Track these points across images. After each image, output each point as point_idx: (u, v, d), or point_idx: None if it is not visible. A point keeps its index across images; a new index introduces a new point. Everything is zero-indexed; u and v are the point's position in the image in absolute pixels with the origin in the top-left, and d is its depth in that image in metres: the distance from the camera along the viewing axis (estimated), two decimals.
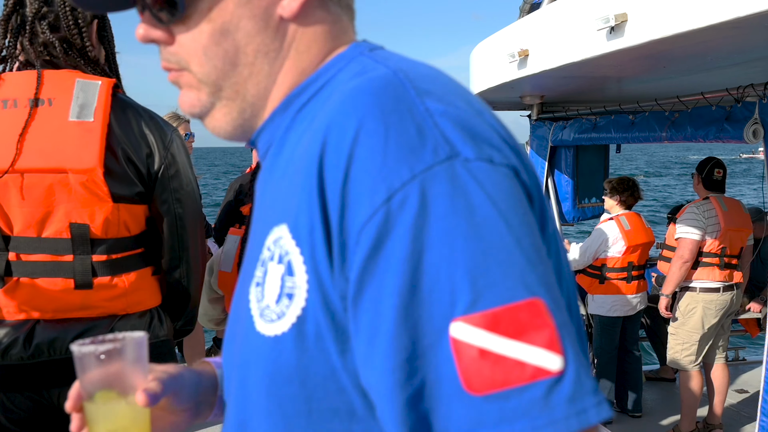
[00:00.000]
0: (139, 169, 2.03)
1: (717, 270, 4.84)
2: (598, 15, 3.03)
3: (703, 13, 2.55)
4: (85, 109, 1.95)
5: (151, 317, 2.11)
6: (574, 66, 3.54)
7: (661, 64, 3.68)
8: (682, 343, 4.97)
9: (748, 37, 2.90)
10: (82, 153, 1.92)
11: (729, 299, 4.88)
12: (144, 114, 2.08)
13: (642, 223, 5.46)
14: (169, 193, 2.09)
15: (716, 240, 4.80)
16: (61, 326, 1.98)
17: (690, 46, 3.05)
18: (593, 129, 5.35)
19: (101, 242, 1.99)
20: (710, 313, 4.87)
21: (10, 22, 2.03)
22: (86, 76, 2.02)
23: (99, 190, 1.94)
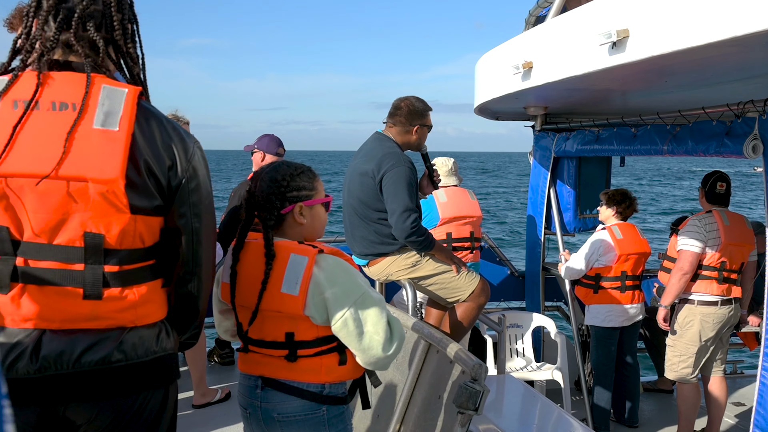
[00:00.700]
0: (160, 181, 1.98)
1: (715, 284, 4.87)
2: (600, 30, 3.09)
3: (703, 30, 2.60)
4: (110, 117, 1.91)
5: (159, 330, 2.06)
6: (577, 79, 3.59)
7: (662, 79, 3.73)
8: (680, 355, 5.00)
9: (747, 54, 2.95)
10: (105, 163, 1.87)
11: (727, 313, 4.91)
12: (167, 125, 2.03)
13: (636, 234, 5.52)
14: (188, 207, 2.05)
15: (716, 253, 4.83)
16: (68, 338, 1.91)
17: (690, 62, 3.10)
18: (596, 141, 5.41)
19: (115, 253, 1.94)
20: (708, 326, 4.89)
21: (56, 15, 1.95)
22: (112, 82, 1.97)
23: (118, 202, 1.90)
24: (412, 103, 4.44)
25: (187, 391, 5.53)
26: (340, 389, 2.47)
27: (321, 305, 2.34)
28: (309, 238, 2.53)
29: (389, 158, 4.24)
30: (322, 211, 2.58)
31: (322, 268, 2.35)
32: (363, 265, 4.55)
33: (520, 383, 4.60)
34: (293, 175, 2.48)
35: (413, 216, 4.15)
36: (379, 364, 2.41)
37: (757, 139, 3.72)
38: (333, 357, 2.42)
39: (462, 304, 4.43)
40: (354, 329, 2.34)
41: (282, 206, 2.45)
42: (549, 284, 6.57)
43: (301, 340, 2.39)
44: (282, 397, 2.42)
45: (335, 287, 2.34)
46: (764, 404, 3.75)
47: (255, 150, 5.69)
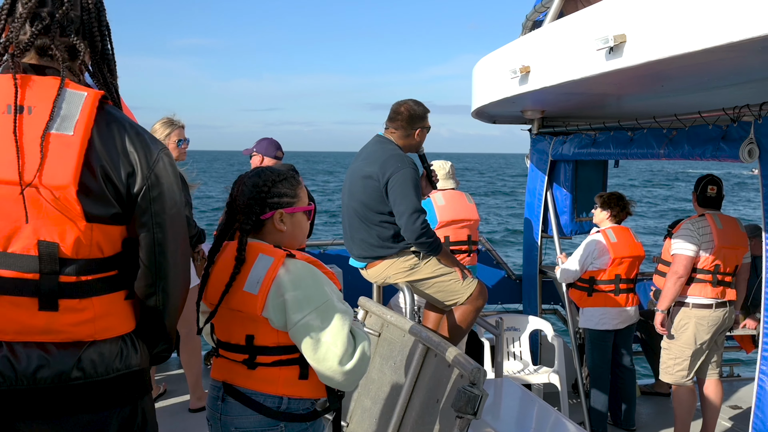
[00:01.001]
0: (118, 188, 1.89)
1: (709, 287, 4.88)
2: (597, 35, 3.10)
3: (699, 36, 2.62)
4: (66, 122, 1.83)
5: (123, 345, 1.96)
6: (574, 83, 3.60)
7: (658, 84, 3.75)
8: (674, 358, 5.01)
9: (743, 59, 2.97)
10: (57, 168, 1.79)
11: (721, 316, 4.91)
12: (130, 130, 1.93)
13: (630, 237, 5.53)
14: (149, 216, 1.95)
15: (710, 256, 4.84)
16: (24, 351, 1.82)
17: (687, 67, 3.11)
18: (593, 144, 5.42)
19: (71, 262, 1.85)
20: (702, 329, 4.90)
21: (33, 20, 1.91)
22: (75, 86, 1.90)
23: (71, 209, 1.82)
24: (411, 107, 4.47)
25: (184, 395, 5.54)
26: (302, 405, 2.38)
27: (280, 307, 2.27)
28: (289, 245, 2.48)
29: (393, 160, 4.27)
30: (304, 220, 2.54)
31: (288, 270, 2.30)
32: (361, 267, 4.55)
33: (518, 387, 4.61)
34: (275, 181, 2.45)
35: (422, 217, 4.20)
36: (336, 380, 2.29)
37: (753, 143, 3.74)
38: (293, 369, 2.34)
39: (459, 307, 4.44)
40: (310, 337, 2.25)
41: (262, 212, 2.42)
42: (546, 287, 6.58)
43: (260, 345, 2.33)
44: (240, 410, 2.36)
45: (297, 290, 2.27)
46: (762, 407, 3.77)
47: (254, 153, 5.70)
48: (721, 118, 4.05)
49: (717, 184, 5.06)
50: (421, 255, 4.38)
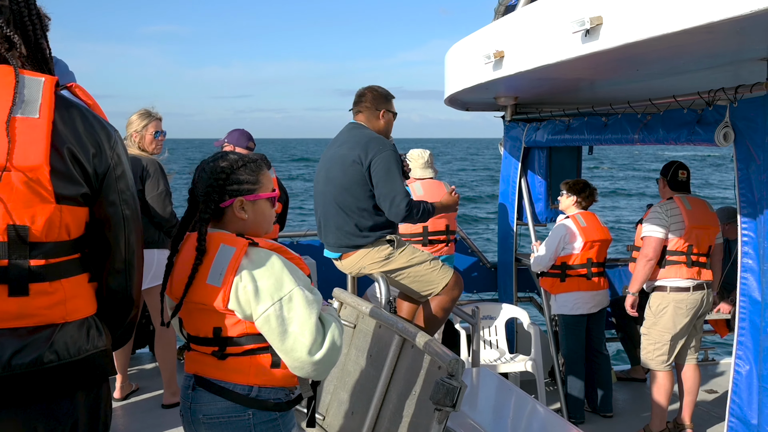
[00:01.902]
0: (86, 168, 1.93)
1: (684, 267, 4.88)
2: (573, 18, 3.05)
3: (677, 17, 2.58)
4: (30, 105, 1.86)
5: (89, 326, 1.98)
6: (550, 68, 3.55)
7: (634, 68, 3.72)
8: (654, 343, 5.00)
9: (720, 41, 2.94)
10: (28, 150, 1.82)
11: (700, 298, 4.92)
12: (88, 113, 1.99)
13: (598, 222, 5.59)
14: (116, 194, 2.01)
15: (681, 238, 4.85)
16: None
17: (664, 49, 3.08)
18: (566, 130, 5.39)
19: (40, 246, 1.87)
20: (681, 313, 4.90)
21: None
22: (28, 72, 1.93)
23: (43, 190, 1.83)
24: (375, 89, 4.49)
25: (157, 391, 5.45)
26: (274, 394, 2.34)
27: (244, 298, 2.22)
28: (254, 234, 2.41)
29: (375, 142, 4.24)
30: (267, 207, 2.45)
31: (251, 260, 2.24)
32: (335, 258, 4.48)
33: (495, 375, 4.57)
34: (235, 167, 2.37)
35: (406, 200, 4.17)
36: (307, 370, 2.24)
37: (728, 127, 3.72)
38: (264, 357, 2.29)
39: (435, 297, 4.39)
40: (277, 327, 2.20)
41: (221, 199, 2.35)
42: (521, 275, 6.57)
43: (228, 336, 2.28)
44: (210, 398, 2.33)
45: (261, 280, 2.22)
46: (739, 392, 3.77)
47: (225, 144, 5.66)
48: (696, 102, 4.02)
49: (686, 169, 5.10)
50: (395, 244, 4.32)
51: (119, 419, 5.07)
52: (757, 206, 3.60)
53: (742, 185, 3.70)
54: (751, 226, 3.68)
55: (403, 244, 4.39)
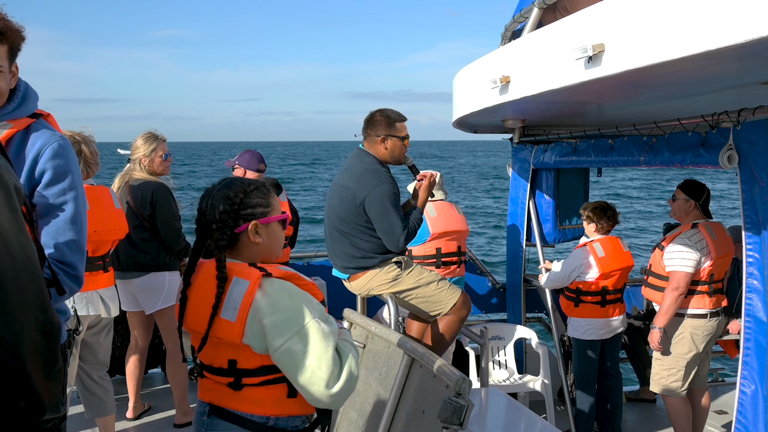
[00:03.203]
0: None
1: (707, 297, 4.81)
2: (576, 45, 3.11)
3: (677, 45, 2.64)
4: None
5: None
6: (554, 93, 3.61)
7: (637, 92, 3.77)
8: (669, 369, 4.93)
9: (720, 67, 2.99)
10: None
11: (715, 325, 4.87)
12: None
13: (619, 249, 5.47)
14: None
15: (707, 268, 4.78)
16: None
17: (665, 75, 3.14)
18: (573, 152, 5.45)
19: None
20: (698, 339, 4.84)
21: None
22: None
23: None
24: (381, 113, 4.43)
25: (169, 410, 5.50)
26: (291, 423, 2.32)
27: (260, 333, 2.18)
28: (266, 258, 2.40)
29: (368, 177, 4.25)
30: (279, 229, 2.44)
31: (266, 292, 2.20)
32: (344, 278, 4.54)
33: (503, 396, 4.60)
34: (247, 191, 2.36)
35: (404, 233, 4.23)
36: (324, 402, 2.21)
37: (732, 150, 3.77)
38: (281, 388, 2.27)
39: (444, 317, 4.44)
40: (294, 362, 2.17)
41: (236, 225, 2.32)
42: (530, 296, 6.60)
43: (244, 368, 2.25)
44: (225, 425, 2.30)
45: (276, 314, 2.18)
46: (744, 413, 3.79)
47: (236, 166, 5.71)
48: (701, 125, 4.08)
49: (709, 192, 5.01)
50: (403, 266, 4.38)
51: None
52: (761, 227, 3.65)
53: (746, 207, 3.74)
54: (756, 247, 3.72)
55: (411, 265, 4.43)
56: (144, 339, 5.32)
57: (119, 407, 5.34)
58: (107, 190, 4.44)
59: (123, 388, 5.69)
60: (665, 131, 4.37)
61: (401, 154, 4.44)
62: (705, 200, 4.95)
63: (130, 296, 5.09)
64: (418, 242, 5.61)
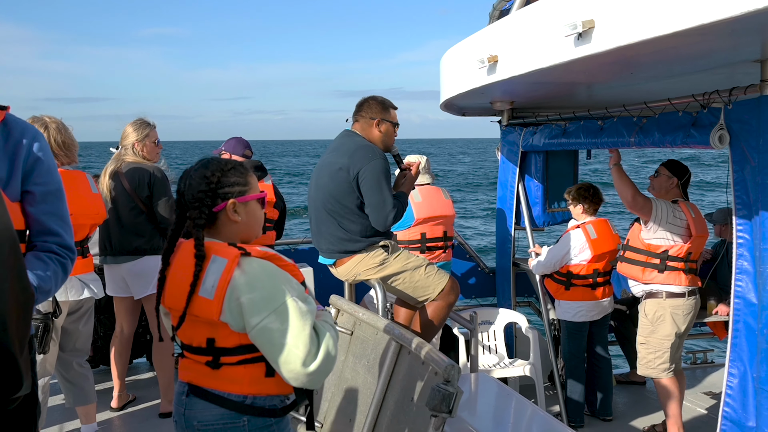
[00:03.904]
0: None
1: (682, 275, 4.84)
2: (565, 21, 3.04)
3: (669, 19, 2.57)
4: None
5: None
6: (543, 72, 3.55)
7: (628, 71, 3.71)
8: (654, 352, 4.92)
9: (713, 43, 2.93)
10: None
11: (693, 304, 4.90)
12: None
13: (609, 230, 5.50)
14: None
15: (684, 245, 4.81)
16: None
17: (656, 52, 3.07)
18: (563, 134, 5.39)
19: None
20: (679, 319, 4.86)
21: None
22: None
23: None
24: (374, 98, 4.47)
25: (154, 400, 5.44)
26: (269, 402, 2.33)
27: (237, 311, 2.19)
28: (246, 238, 2.41)
29: (363, 152, 4.23)
30: (258, 208, 2.45)
31: (244, 271, 2.21)
32: (330, 264, 4.48)
33: (494, 381, 4.55)
34: (224, 170, 2.36)
35: (394, 212, 4.19)
36: (301, 381, 2.21)
37: (723, 129, 3.71)
38: (259, 367, 2.28)
39: (432, 303, 4.38)
40: (270, 340, 2.18)
41: (213, 203, 2.33)
42: (520, 280, 6.55)
43: (222, 346, 2.26)
44: (204, 405, 2.31)
45: (254, 292, 2.18)
46: (733, 395, 3.75)
47: (222, 152, 5.74)
48: (691, 105, 4.02)
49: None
50: (390, 250, 4.32)
51: (116, 429, 5.06)
52: (752, 208, 3.59)
53: (737, 187, 3.69)
54: (746, 228, 3.67)
55: (398, 250, 4.38)
56: (129, 327, 5.25)
57: (103, 397, 5.28)
58: (83, 175, 4.37)
59: (107, 377, 5.62)
60: (656, 112, 4.31)
61: (392, 141, 4.49)
62: (686, 181, 5.00)
63: (120, 281, 5.03)
64: (403, 227, 5.56)
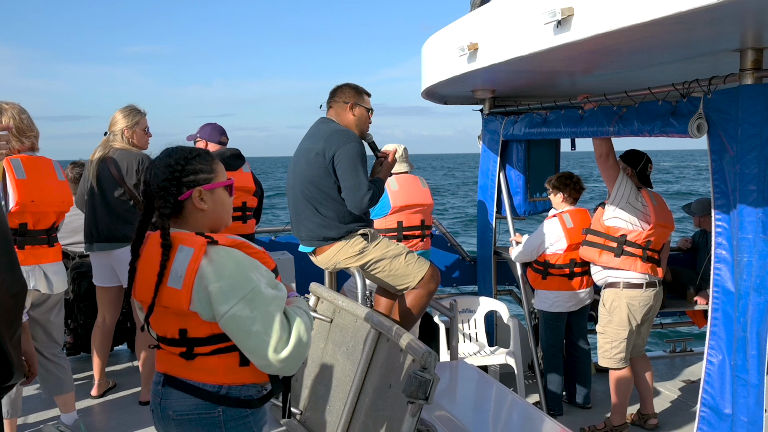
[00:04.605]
0: None
1: (639, 261, 4.81)
2: (545, 9, 3.04)
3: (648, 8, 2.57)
4: None
5: None
6: (523, 60, 3.54)
7: (607, 59, 3.71)
8: (611, 342, 4.93)
9: (692, 32, 2.94)
10: None
11: (652, 296, 4.86)
12: None
13: (588, 220, 5.45)
14: None
15: (642, 232, 4.79)
16: None
17: (635, 40, 3.08)
18: (543, 123, 5.39)
19: None
20: (635, 310, 4.84)
21: None
22: None
23: None
24: (347, 84, 4.51)
25: (134, 388, 5.42)
26: (245, 391, 2.32)
27: (206, 300, 2.17)
28: (215, 226, 2.39)
29: (337, 136, 4.22)
30: (225, 196, 2.41)
31: (211, 259, 2.18)
32: (309, 252, 4.46)
33: (474, 369, 4.57)
34: (188, 158, 2.32)
35: (369, 194, 4.17)
36: (274, 368, 2.20)
37: (701, 118, 3.72)
38: (232, 357, 2.26)
39: (411, 291, 4.38)
40: (240, 327, 2.16)
41: (179, 192, 2.29)
42: (501, 268, 6.57)
43: (194, 336, 2.24)
44: (179, 395, 2.31)
45: (221, 281, 2.16)
46: (711, 383, 3.78)
47: (197, 139, 5.62)
48: (671, 94, 4.02)
49: (651, 162, 5.06)
50: (369, 238, 4.31)
51: (96, 416, 5.04)
52: (730, 197, 3.61)
53: (715, 177, 3.71)
54: (724, 217, 3.69)
55: (377, 237, 4.38)
56: (112, 317, 5.21)
57: (84, 385, 5.26)
58: (49, 162, 4.29)
59: (87, 365, 5.59)
60: (635, 101, 4.31)
61: (366, 126, 4.51)
62: (642, 168, 5.00)
63: (107, 269, 4.98)
64: (379, 215, 5.54)
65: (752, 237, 3.49)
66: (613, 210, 4.86)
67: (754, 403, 3.51)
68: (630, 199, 4.82)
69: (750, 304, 3.50)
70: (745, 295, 3.54)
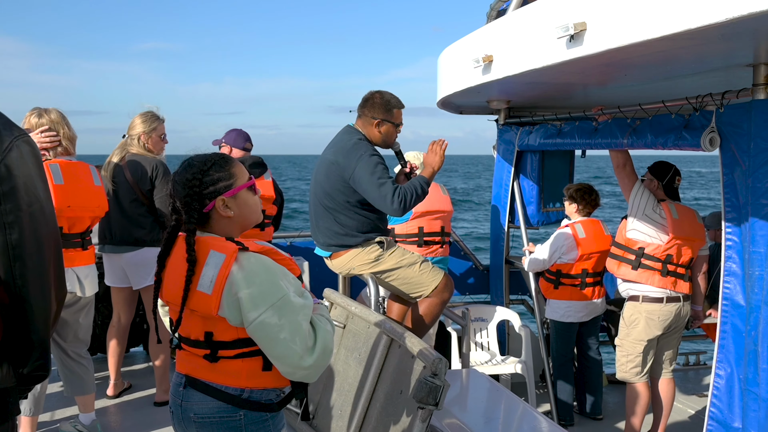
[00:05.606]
0: None
1: (657, 275, 4.75)
2: (558, 23, 3.08)
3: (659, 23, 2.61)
4: None
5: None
6: (537, 72, 3.59)
7: (621, 73, 3.75)
8: (627, 355, 4.90)
9: (704, 47, 2.97)
10: None
11: (673, 311, 4.78)
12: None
13: (600, 230, 5.49)
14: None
15: (660, 245, 4.74)
16: None
17: (648, 55, 3.11)
18: (558, 134, 5.42)
19: None
20: (653, 324, 4.78)
21: None
22: None
23: None
24: (382, 95, 4.39)
25: (149, 389, 5.48)
26: (266, 395, 2.35)
27: (235, 306, 2.20)
28: (245, 226, 2.42)
29: (355, 150, 4.21)
30: (250, 196, 2.41)
31: (242, 266, 2.21)
32: (326, 256, 4.52)
33: (485, 377, 4.60)
34: (204, 170, 2.32)
35: (398, 198, 4.06)
36: (299, 375, 2.24)
37: (714, 132, 3.74)
38: (256, 361, 2.30)
39: (425, 299, 4.42)
40: (268, 334, 2.19)
41: (202, 205, 2.31)
42: (513, 278, 6.60)
43: (220, 340, 2.28)
44: (201, 397, 2.33)
45: (251, 287, 2.19)
46: (719, 396, 3.80)
47: (222, 144, 5.71)
48: (684, 108, 4.05)
49: (680, 175, 5.00)
50: (385, 246, 4.35)
51: (112, 417, 5.11)
52: (741, 211, 3.63)
53: (726, 190, 3.73)
54: (735, 230, 3.71)
55: (393, 246, 4.41)
56: (126, 317, 5.29)
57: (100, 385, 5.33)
58: (86, 167, 4.39)
59: (104, 366, 5.67)
60: (649, 113, 4.34)
61: (392, 140, 4.44)
62: (669, 181, 4.92)
63: (119, 271, 5.06)
64: (401, 221, 5.60)
65: (764, 251, 3.51)
66: (632, 222, 4.83)
67: (765, 417, 3.52)
68: (647, 211, 4.77)
69: (761, 317, 3.52)
70: (756, 308, 3.55)
